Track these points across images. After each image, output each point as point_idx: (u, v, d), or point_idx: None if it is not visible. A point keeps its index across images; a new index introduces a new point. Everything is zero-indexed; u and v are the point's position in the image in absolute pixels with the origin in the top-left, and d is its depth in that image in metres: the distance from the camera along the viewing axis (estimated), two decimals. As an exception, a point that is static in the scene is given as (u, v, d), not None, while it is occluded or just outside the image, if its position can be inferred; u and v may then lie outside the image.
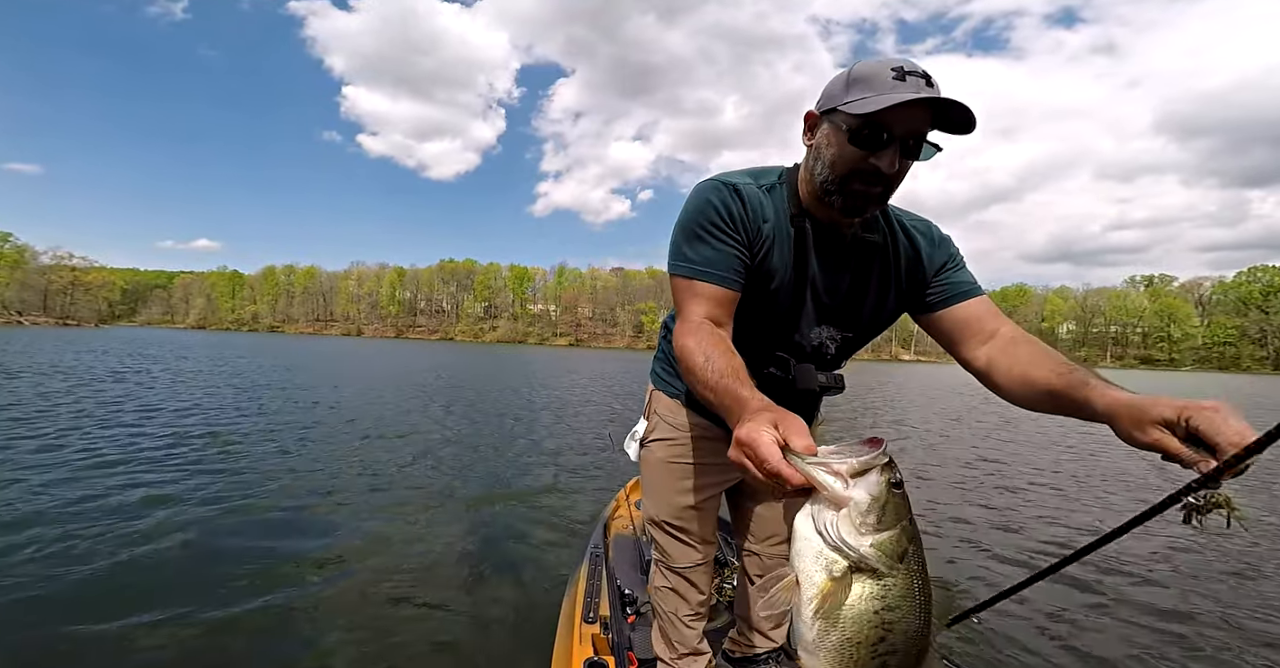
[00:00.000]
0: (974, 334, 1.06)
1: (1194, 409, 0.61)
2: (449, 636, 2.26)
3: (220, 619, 2.27)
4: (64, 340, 26.61)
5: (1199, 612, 2.75)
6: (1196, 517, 0.61)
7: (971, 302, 1.09)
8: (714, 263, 0.99)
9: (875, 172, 0.90)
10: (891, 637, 0.52)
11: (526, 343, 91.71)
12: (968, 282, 1.12)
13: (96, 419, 6.28)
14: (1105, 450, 7.25)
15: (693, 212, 1.01)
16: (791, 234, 1.04)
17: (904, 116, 0.86)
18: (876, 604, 0.52)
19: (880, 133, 0.87)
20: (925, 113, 0.87)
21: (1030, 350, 0.93)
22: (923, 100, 0.84)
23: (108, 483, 3.95)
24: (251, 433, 6.11)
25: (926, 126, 0.89)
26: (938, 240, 1.13)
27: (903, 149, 0.89)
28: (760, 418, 0.62)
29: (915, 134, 0.89)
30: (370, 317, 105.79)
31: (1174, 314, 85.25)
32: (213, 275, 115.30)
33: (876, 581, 0.51)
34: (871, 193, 0.93)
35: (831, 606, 0.51)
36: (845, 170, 0.92)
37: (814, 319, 1.12)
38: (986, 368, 1.00)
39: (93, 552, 2.80)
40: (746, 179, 1.05)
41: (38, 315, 62.65)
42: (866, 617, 0.51)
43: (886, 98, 0.84)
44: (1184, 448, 0.61)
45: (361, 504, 3.85)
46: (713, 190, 1.01)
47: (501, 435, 6.83)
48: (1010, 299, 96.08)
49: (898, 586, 0.52)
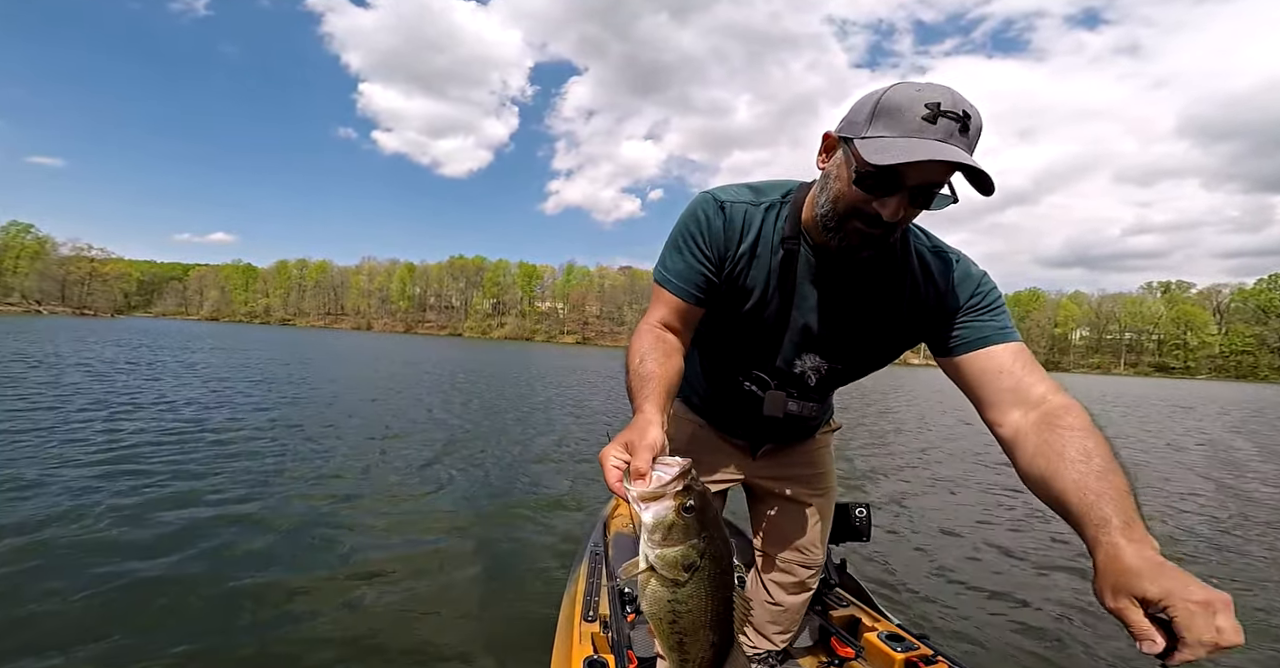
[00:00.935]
0: (997, 391, 0.90)
1: (1179, 602, 0.55)
2: (448, 634, 2.25)
3: (221, 618, 2.27)
4: (84, 329, 27.06)
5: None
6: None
7: (995, 350, 0.93)
8: (679, 275, 1.00)
9: (877, 216, 0.83)
10: (681, 623, 0.63)
11: (534, 340, 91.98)
12: (994, 327, 0.95)
13: (104, 407, 6.37)
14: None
15: (680, 221, 1.02)
16: (781, 256, 0.98)
17: (921, 166, 0.77)
18: (667, 596, 0.63)
19: (890, 180, 0.80)
20: (945, 166, 0.78)
21: (1067, 442, 0.76)
22: (952, 164, 0.76)
23: (116, 477, 3.98)
24: (252, 429, 6.15)
25: (946, 177, 0.80)
26: (959, 277, 0.99)
27: (911, 198, 0.81)
28: (622, 436, 0.72)
29: (929, 184, 0.80)
30: (380, 311, 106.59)
31: (1191, 321, 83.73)
32: (226, 268, 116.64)
33: (664, 582, 0.62)
34: (871, 234, 0.86)
35: (643, 587, 0.64)
36: (846, 209, 0.86)
37: (798, 346, 1.05)
38: (1011, 443, 0.86)
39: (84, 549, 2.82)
40: (745, 194, 1.02)
41: (56, 305, 63.82)
42: (661, 604, 0.63)
43: (903, 149, 0.75)
44: (1142, 622, 0.57)
45: (360, 502, 3.86)
46: (700, 203, 1.01)
47: (501, 433, 6.83)
48: (1023, 304, 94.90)
49: (685, 589, 0.62)
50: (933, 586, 3.04)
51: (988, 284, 1.00)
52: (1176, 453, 8.09)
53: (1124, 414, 14.24)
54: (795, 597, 1.41)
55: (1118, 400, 19.69)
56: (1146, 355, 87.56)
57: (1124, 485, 0.68)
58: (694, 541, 0.62)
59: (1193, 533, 4.15)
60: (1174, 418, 13.84)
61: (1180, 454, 7.97)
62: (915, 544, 3.69)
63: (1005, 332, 0.95)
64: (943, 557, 3.47)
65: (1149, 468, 6.41)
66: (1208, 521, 4.52)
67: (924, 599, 2.86)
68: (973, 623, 2.63)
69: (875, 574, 3.09)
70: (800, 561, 1.37)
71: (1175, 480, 5.90)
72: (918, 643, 1.42)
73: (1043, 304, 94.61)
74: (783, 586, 1.40)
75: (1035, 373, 0.89)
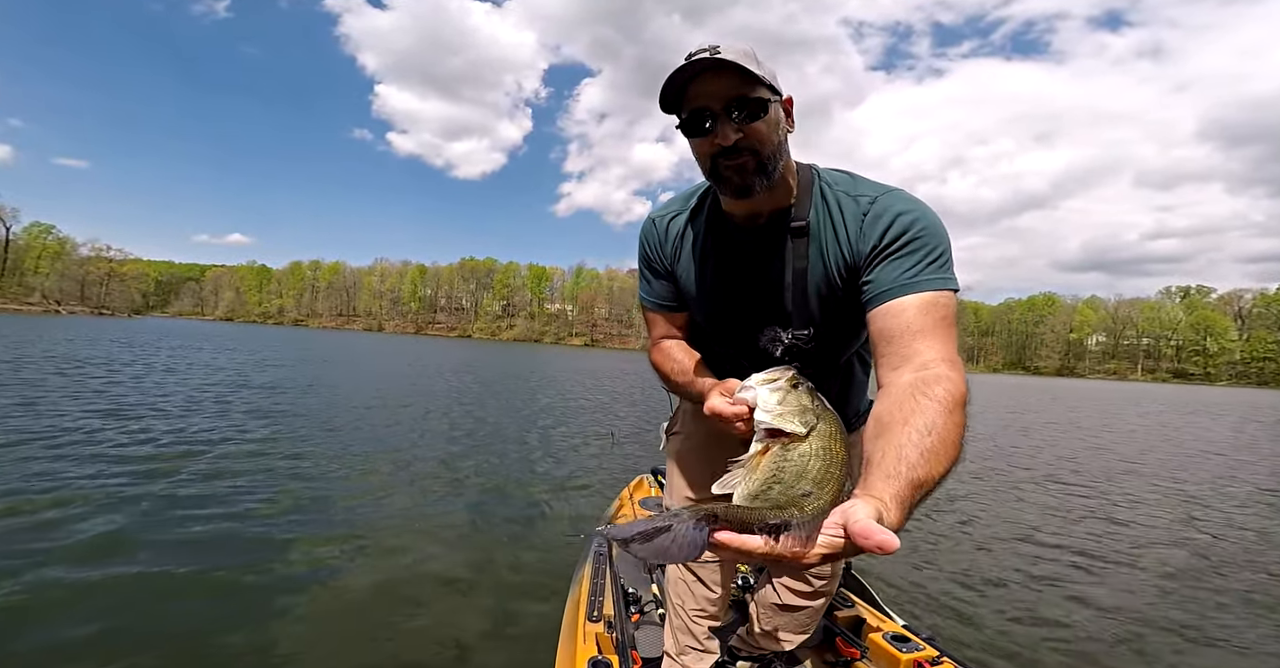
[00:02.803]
0: (890, 356, 0.80)
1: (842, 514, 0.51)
2: (453, 634, 2.24)
3: (220, 616, 2.26)
4: (100, 329, 27.56)
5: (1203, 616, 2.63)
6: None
7: (897, 305, 0.83)
8: (653, 293, 1.15)
9: (725, 149, 0.85)
10: (812, 473, 0.56)
11: (542, 342, 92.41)
12: (898, 275, 0.84)
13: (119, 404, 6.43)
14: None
15: (638, 251, 1.16)
16: (710, 242, 1.04)
17: (707, 91, 0.83)
18: (782, 456, 0.59)
19: (698, 118, 0.85)
20: (728, 77, 0.82)
21: (919, 411, 0.68)
22: (695, 65, 0.81)
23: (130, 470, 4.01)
24: (259, 430, 6.19)
25: (742, 89, 0.83)
26: (871, 217, 0.89)
27: (729, 114, 0.83)
28: (711, 392, 0.84)
29: (734, 97, 0.83)
30: (391, 313, 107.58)
31: (1211, 327, 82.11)
32: (241, 269, 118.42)
33: (785, 446, 0.60)
34: (739, 164, 0.87)
35: (753, 469, 0.59)
36: (705, 159, 0.90)
37: (757, 320, 1.05)
38: (879, 393, 0.80)
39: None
40: (676, 205, 1.11)
41: (75, 305, 65.11)
42: (780, 466, 0.58)
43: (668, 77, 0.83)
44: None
45: (364, 501, 3.86)
46: (642, 230, 1.15)
47: (505, 434, 6.84)
48: (1038, 308, 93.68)
49: (809, 443, 0.59)
50: (939, 586, 2.99)
51: (905, 221, 0.87)
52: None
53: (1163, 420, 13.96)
54: (809, 603, 1.37)
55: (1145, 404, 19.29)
56: (1164, 361, 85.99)
57: (936, 474, 0.62)
58: (812, 403, 0.63)
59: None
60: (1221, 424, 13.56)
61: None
62: (921, 544, 3.64)
63: (914, 281, 0.83)
64: (949, 557, 3.42)
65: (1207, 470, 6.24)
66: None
67: (930, 600, 2.82)
68: (979, 624, 2.58)
69: (880, 574, 3.05)
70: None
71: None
72: (923, 644, 1.41)
73: (1058, 309, 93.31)
74: (795, 591, 1.37)
75: (935, 335, 0.79)
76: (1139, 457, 7.90)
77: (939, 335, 0.79)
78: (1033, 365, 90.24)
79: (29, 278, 64.86)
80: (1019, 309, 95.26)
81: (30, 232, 69.23)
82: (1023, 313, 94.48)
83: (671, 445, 1.40)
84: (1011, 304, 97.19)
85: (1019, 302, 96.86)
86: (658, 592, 1.83)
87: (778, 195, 0.95)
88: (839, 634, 1.57)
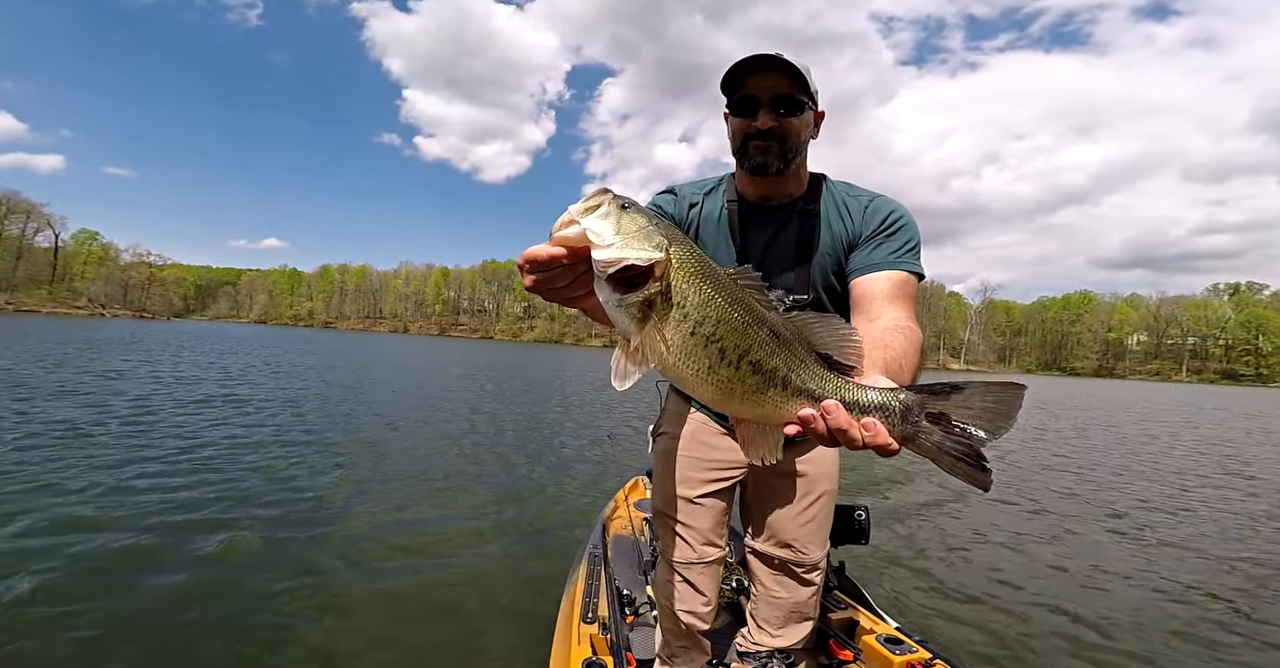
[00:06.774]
0: (863, 315, 1.03)
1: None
2: (448, 635, 2.20)
3: (221, 615, 2.25)
4: (143, 332, 28.77)
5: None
6: None
7: (877, 277, 1.05)
8: None
9: (760, 132, 1.07)
10: (711, 334, 0.53)
11: (562, 343, 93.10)
12: (882, 256, 1.08)
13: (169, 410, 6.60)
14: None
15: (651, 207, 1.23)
16: (726, 214, 1.22)
17: (761, 84, 1.06)
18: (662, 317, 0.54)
19: (748, 102, 1.07)
20: (780, 78, 1.05)
21: (892, 339, 0.85)
22: (759, 60, 1.02)
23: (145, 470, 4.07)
24: (267, 432, 6.27)
25: (789, 89, 1.05)
26: (872, 210, 1.14)
27: (773, 107, 1.06)
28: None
29: (780, 95, 1.05)
30: (416, 315, 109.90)
31: (1263, 325, 77.87)
32: (274, 273, 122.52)
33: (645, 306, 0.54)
34: (767, 146, 1.08)
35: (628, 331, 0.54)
36: (739, 136, 1.12)
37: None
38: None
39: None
40: (690, 187, 1.28)
41: (118, 308, 68.16)
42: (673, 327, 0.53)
43: (730, 67, 1.05)
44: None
45: (361, 502, 3.86)
46: (656, 199, 1.28)
47: (505, 435, 6.86)
48: (1073, 306, 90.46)
49: (679, 294, 0.54)
50: (932, 589, 2.95)
51: (894, 216, 1.13)
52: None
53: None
54: (799, 590, 1.36)
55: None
56: (1213, 362, 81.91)
57: (908, 378, 0.78)
58: (650, 221, 0.54)
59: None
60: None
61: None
62: (914, 547, 3.58)
63: (895, 261, 1.07)
64: (942, 560, 3.37)
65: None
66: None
67: (923, 603, 2.79)
68: (972, 627, 2.56)
69: (874, 577, 3.01)
70: (796, 558, 1.34)
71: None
72: (916, 646, 1.43)
73: (1095, 307, 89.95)
74: (782, 581, 1.37)
75: (904, 304, 1.02)
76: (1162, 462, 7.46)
77: (906, 305, 1.02)
78: (1069, 366, 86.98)
79: (76, 283, 68.09)
80: (1053, 308, 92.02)
81: (77, 238, 72.72)
82: (1057, 312, 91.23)
83: (658, 446, 1.44)
84: (1045, 302, 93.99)
85: (1053, 300, 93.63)
86: (652, 593, 1.76)
87: (790, 186, 1.18)
88: (833, 637, 1.55)
